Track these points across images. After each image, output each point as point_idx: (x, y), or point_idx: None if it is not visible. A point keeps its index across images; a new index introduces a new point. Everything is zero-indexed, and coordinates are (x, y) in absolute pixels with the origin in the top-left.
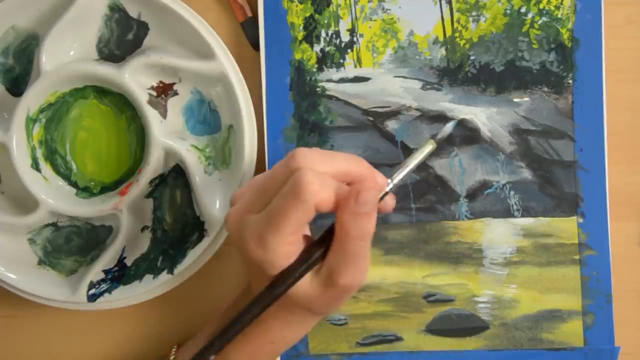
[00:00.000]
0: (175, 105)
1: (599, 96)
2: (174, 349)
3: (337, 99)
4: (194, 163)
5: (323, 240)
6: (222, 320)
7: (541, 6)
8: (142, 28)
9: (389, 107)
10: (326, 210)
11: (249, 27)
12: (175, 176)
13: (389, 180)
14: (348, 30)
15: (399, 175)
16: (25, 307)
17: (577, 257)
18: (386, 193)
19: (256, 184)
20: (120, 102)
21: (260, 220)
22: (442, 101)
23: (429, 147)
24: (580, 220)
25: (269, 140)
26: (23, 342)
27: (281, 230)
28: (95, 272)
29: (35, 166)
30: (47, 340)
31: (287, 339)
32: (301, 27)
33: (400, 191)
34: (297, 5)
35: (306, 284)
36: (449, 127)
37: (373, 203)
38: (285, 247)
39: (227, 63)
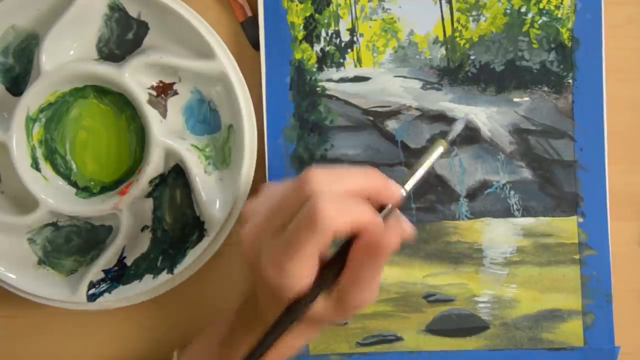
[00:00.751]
0: (175, 104)
1: (599, 96)
2: (175, 353)
3: (337, 98)
4: (194, 163)
5: (336, 260)
6: (228, 325)
7: (541, 6)
8: (142, 27)
9: (389, 106)
10: (349, 232)
11: (249, 26)
12: (175, 176)
13: (403, 189)
14: (348, 29)
15: (412, 181)
16: (25, 307)
17: (577, 256)
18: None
19: (269, 204)
20: (120, 101)
21: (277, 246)
22: (442, 101)
23: (440, 149)
24: (580, 219)
25: (269, 140)
26: (23, 342)
27: (299, 256)
28: (95, 272)
29: (35, 166)
30: (47, 340)
31: (295, 347)
32: (301, 27)
33: None
34: (297, 5)
35: (318, 303)
36: (458, 126)
37: (396, 246)
38: (304, 272)
39: (227, 63)
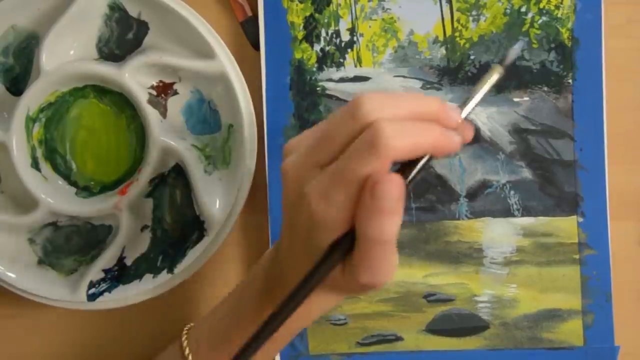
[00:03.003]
0: (175, 104)
1: (599, 96)
2: (185, 330)
3: (337, 98)
4: (193, 162)
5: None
6: (243, 294)
7: (541, 6)
8: (142, 27)
9: None
10: (414, 157)
11: (249, 26)
12: (175, 176)
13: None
14: (348, 29)
15: (470, 107)
16: (25, 307)
17: (577, 256)
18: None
19: (314, 135)
20: (120, 101)
21: (326, 175)
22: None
23: (495, 75)
24: (580, 219)
25: (269, 140)
26: (23, 342)
27: (352, 184)
28: (95, 272)
29: (35, 165)
30: (47, 340)
31: (312, 314)
32: (301, 27)
33: None
34: (297, 5)
35: (337, 271)
36: (516, 50)
37: (396, 198)
38: (351, 204)
39: (227, 62)
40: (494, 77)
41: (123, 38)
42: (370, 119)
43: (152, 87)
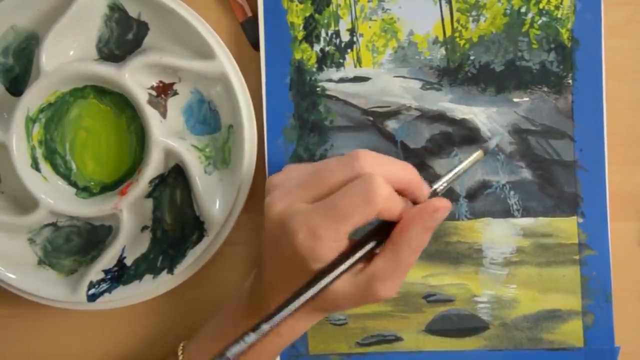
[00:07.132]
0: (175, 105)
1: (599, 96)
2: (181, 346)
3: (337, 98)
4: (193, 163)
5: (366, 242)
6: (235, 313)
7: (541, 6)
8: (142, 28)
9: (389, 107)
10: (385, 218)
11: (249, 27)
12: (175, 176)
13: (432, 189)
14: (348, 30)
15: (441, 182)
16: (25, 307)
17: (577, 257)
18: None
19: (302, 173)
20: (120, 102)
21: (316, 212)
22: (442, 101)
23: (474, 156)
24: (580, 220)
25: (269, 140)
26: (23, 342)
27: (339, 226)
28: (95, 272)
29: (35, 166)
30: (47, 340)
31: (295, 332)
32: (301, 27)
33: None
34: (297, 5)
35: (340, 284)
36: (496, 139)
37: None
38: (336, 244)
39: (227, 63)
40: (471, 159)
41: (123, 38)
42: (365, 171)
43: (152, 88)
